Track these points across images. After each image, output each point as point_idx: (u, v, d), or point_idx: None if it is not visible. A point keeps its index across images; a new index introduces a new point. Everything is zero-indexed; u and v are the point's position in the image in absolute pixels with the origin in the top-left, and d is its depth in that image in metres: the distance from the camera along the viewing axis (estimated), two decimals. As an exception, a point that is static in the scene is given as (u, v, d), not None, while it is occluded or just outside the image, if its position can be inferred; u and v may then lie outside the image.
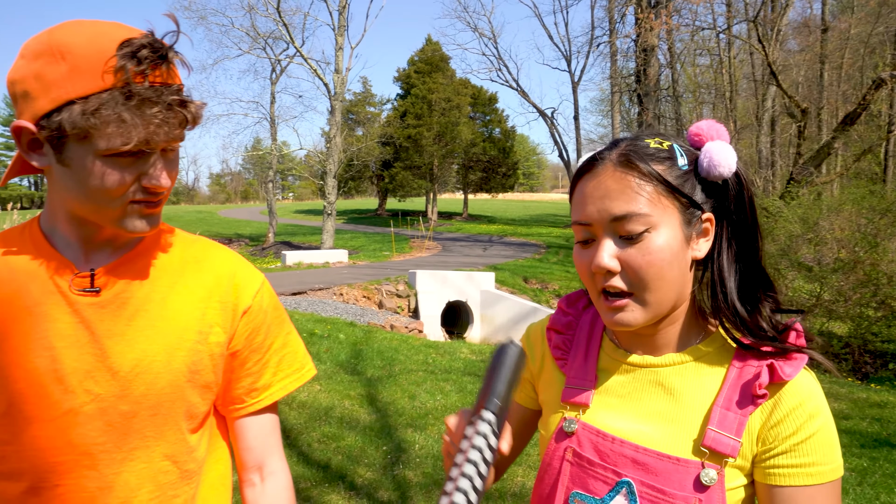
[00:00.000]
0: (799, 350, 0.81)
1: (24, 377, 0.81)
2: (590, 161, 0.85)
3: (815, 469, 0.79)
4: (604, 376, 0.92)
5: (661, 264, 0.80)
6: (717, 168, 0.81)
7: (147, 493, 0.86)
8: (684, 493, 0.80)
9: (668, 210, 0.80)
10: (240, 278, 0.96)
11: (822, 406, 0.81)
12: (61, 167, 0.80)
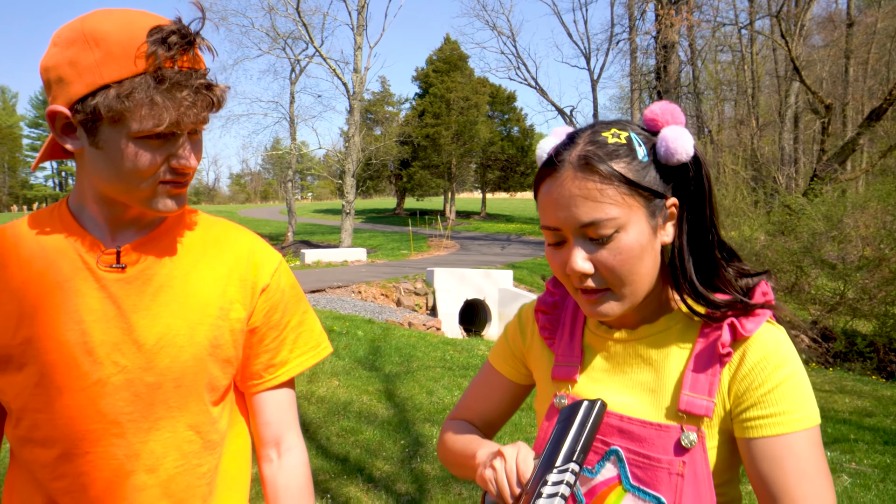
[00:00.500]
0: (761, 306, 0.84)
1: (55, 349, 0.84)
2: (549, 163, 0.85)
3: (786, 418, 0.80)
4: (589, 352, 0.95)
5: (633, 261, 0.83)
6: (675, 155, 0.82)
7: (172, 461, 0.89)
8: (668, 458, 0.83)
9: (633, 207, 0.82)
10: (258, 257, 0.99)
11: (787, 356, 0.83)
12: (94, 150, 0.82)
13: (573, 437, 0.79)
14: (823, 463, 0.81)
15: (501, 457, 0.83)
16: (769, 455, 0.80)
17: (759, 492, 0.82)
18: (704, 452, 0.84)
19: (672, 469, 0.84)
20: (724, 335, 0.84)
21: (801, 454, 0.80)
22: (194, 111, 0.81)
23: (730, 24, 19.93)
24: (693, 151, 0.83)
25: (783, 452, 0.80)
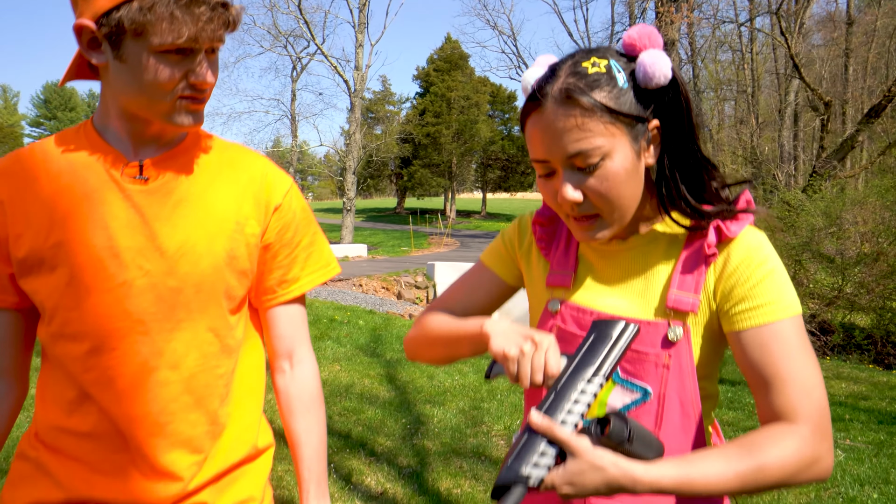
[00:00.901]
0: (743, 211, 0.90)
1: (84, 252, 0.90)
2: (533, 97, 0.89)
3: (772, 307, 0.86)
4: (583, 261, 1.01)
5: (620, 187, 0.88)
6: (654, 78, 0.86)
7: (193, 360, 0.95)
8: (655, 351, 0.90)
9: (616, 135, 0.86)
10: (271, 178, 1.05)
11: (769, 254, 0.89)
12: (118, 63, 0.88)
13: (606, 353, 0.82)
14: (808, 346, 0.86)
15: (533, 343, 0.84)
16: (759, 343, 0.86)
17: (752, 380, 0.88)
18: (689, 346, 0.90)
19: (659, 361, 0.90)
20: (710, 237, 0.90)
21: (788, 339, 0.85)
22: (211, 27, 0.87)
23: (729, 22, 19.99)
24: (671, 74, 0.87)
25: (771, 339, 0.86)
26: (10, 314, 0.96)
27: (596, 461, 0.75)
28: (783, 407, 0.84)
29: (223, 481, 1.00)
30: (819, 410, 0.83)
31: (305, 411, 1.09)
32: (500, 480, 0.76)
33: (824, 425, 0.83)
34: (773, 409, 0.85)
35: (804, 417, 0.83)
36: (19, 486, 0.96)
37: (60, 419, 0.94)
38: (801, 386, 0.84)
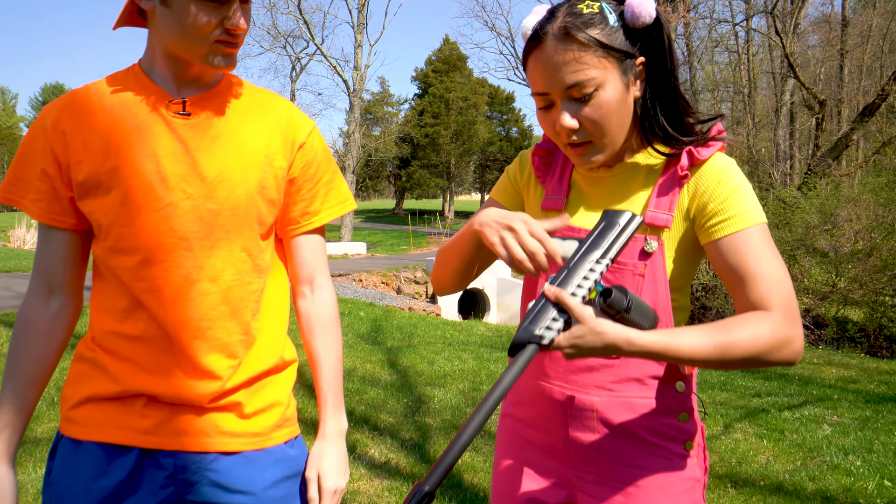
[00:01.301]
0: (713, 138, 1.03)
1: (135, 175, 1.03)
2: (535, 36, 1.01)
3: (741, 217, 0.99)
4: (574, 187, 1.15)
5: (612, 114, 1.00)
6: (640, 18, 0.98)
7: (229, 275, 1.08)
8: (633, 262, 1.03)
9: (608, 68, 0.98)
10: (296, 119, 1.17)
11: (736, 173, 1.03)
12: (164, 8, 1.01)
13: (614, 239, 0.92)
14: (774, 248, 0.99)
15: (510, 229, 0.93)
16: (732, 248, 0.99)
17: (729, 280, 1.01)
18: (663, 258, 1.03)
19: (636, 270, 1.04)
20: (683, 160, 1.03)
21: (757, 243, 0.99)
22: None
23: (725, 22, 20.15)
24: (655, 14, 1.00)
25: (742, 244, 0.99)
26: (69, 234, 1.08)
27: (597, 327, 0.87)
28: (758, 299, 0.97)
29: (255, 386, 1.13)
30: (788, 299, 0.96)
31: (324, 331, 1.22)
32: (516, 339, 0.88)
33: (794, 312, 0.96)
34: (749, 302, 0.97)
35: (776, 305, 0.95)
36: (78, 383, 1.08)
37: (114, 325, 1.07)
38: (771, 280, 0.97)
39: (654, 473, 1.09)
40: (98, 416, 1.06)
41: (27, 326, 1.08)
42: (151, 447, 1.06)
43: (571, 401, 1.10)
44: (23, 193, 1.06)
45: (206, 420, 1.08)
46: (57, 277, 1.09)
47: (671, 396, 1.10)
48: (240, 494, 1.10)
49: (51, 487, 1.07)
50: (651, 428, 1.09)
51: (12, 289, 8.05)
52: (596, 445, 1.10)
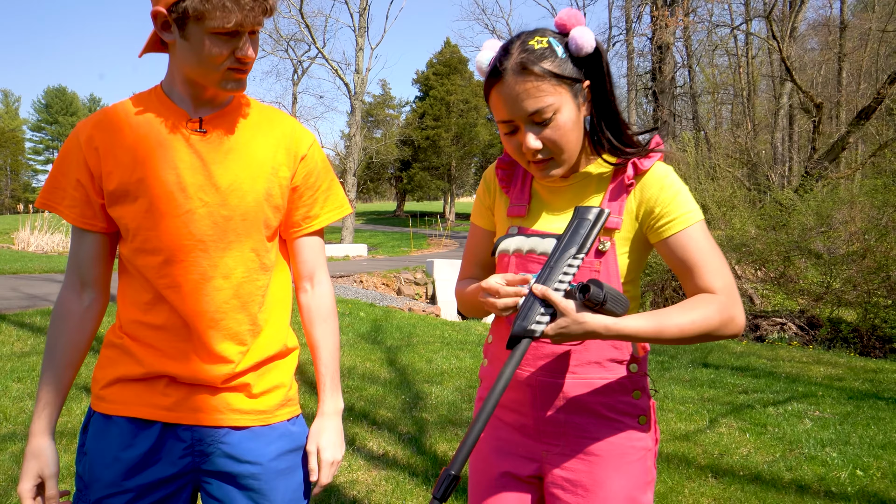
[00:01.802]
0: (653, 150, 1.20)
1: (159, 186, 1.18)
2: (495, 72, 1.17)
3: (683, 218, 1.17)
4: (535, 195, 1.31)
5: (569, 133, 1.17)
6: (583, 49, 1.15)
7: (240, 273, 1.23)
8: (590, 259, 1.20)
9: (562, 94, 1.15)
10: (298, 134, 1.33)
11: (675, 179, 1.19)
12: (182, 41, 1.16)
13: (586, 235, 1.11)
14: (713, 241, 1.17)
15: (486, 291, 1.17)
16: (679, 245, 1.17)
17: (679, 271, 1.18)
18: (615, 255, 1.20)
19: (592, 267, 1.20)
20: (629, 171, 1.20)
21: (699, 238, 1.17)
22: (253, 14, 1.14)
23: (724, 26, 20.32)
24: (595, 44, 1.16)
25: (687, 240, 1.16)
26: (100, 236, 1.24)
27: (579, 318, 1.05)
28: (704, 285, 1.15)
29: (261, 369, 1.28)
30: (729, 284, 1.15)
31: (323, 321, 1.37)
32: (513, 334, 1.07)
33: (735, 294, 1.15)
34: (697, 288, 1.16)
35: (720, 289, 1.14)
36: (108, 366, 1.24)
37: (139, 315, 1.22)
38: (713, 269, 1.16)
39: (612, 444, 1.25)
40: (126, 394, 1.22)
41: (63, 317, 1.24)
42: (172, 422, 1.22)
43: (540, 384, 1.26)
44: (59, 200, 1.22)
45: (219, 399, 1.24)
46: (88, 274, 1.25)
47: (626, 377, 1.25)
48: (248, 465, 1.25)
49: (84, 457, 1.22)
50: (609, 405, 1.25)
51: (20, 290, 8.21)
52: (562, 422, 1.26)
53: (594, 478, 1.24)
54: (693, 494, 2.99)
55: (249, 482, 1.25)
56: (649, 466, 1.28)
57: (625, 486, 1.23)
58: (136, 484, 1.19)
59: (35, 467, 1.18)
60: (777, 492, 3.01)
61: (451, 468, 1.03)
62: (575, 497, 1.24)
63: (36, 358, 4.96)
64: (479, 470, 1.37)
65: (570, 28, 1.16)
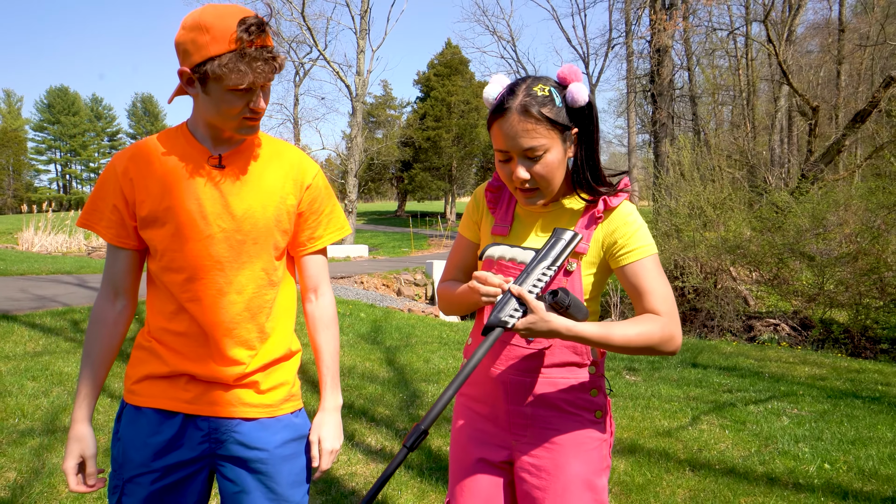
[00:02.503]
0: (621, 190, 1.41)
1: (183, 213, 1.38)
2: (499, 108, 1.36)
3: (640, 250, 1.38)
4: (517, 218, 1.51)
5: (555, 171, 1.37)
6: (577, 102, 1.35)
7: (251, 289, 1.43)
8: (560, 277, 1.40)
9: (554, 137, 1.35)
10: (304, 165, 1.52)
11: (637, 216, 1.40)
12: (204, 95, 1.35)
13: (560, 252, 1.32)
14: (662, 272, 1.38)
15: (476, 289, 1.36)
16: (634, 272, 1.37)
17: (631, 294, 1.38)
18: (580, 276, 1.40)
19: (560, 283, 1.39)
20: (599, 206, 1.41)
21: (650, 269, 1.37)
22: (265, 73, 1.33)
23: (722, 30, 20.50)
24: (588, 99, 1.36)
25: (640, 269, 1.37)
26: (132, 253, 1.44)
27: (545, 317, 1.25)
28: (651, 308, 1.36)
29: (269, 370, 1.48)
30: (672, 309, 1.36)
31: (325, 328, 1.57)
32: (488, 323, 1.28)
33: (675, 319, 1.35)
34: (645, 310, 1.37)
35: (664, 312, 1.35)
36: (138, 365, 1.44)
37: (164, 323, 1.42)
38: (660, 295, 1.36)
39: (572, 434, 1.45)
40: (153, 389, 1.42)
41: (99, 321, 1.44)
42: (192, 413, 1.42)
43: (511, 381, 1.46)
44: (97, 220, 1.42)
45: (232, 394, 1.44)
46: (121, 284, 1.45)
47: (584, 377, 1.46)
48: (257, 451, 1.45)
49: (119, 442, 1.43)
50: (569, 401, 1.45)
51: (28, 291, 8.41)
52: (528, 414, 1.46)
53: (556, 463, 1.44)
54: (670, 486, 3.18)
55: (258, 466, 1.45)
56: (605, 455, 1.49)
57: (582, 471, 1.44)
58: (162, 465, 1.40)
59: (78, 449, 1.39)
60: (749, 483, 3.20)
61: (422, 424, 1.23)
62: (539, 480, 1.44)
63: (48, 357, 5.17)
64: (457, 457, 1.57)
65: (570, 82, 1.36)
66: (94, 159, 77.16)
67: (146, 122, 78.71)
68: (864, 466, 3.41)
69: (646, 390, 5.06)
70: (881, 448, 3.70)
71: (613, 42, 25.09)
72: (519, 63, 28.00)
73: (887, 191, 11.31)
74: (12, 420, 3.82)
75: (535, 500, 1.44)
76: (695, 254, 11.89)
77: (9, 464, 3.20)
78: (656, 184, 14.27)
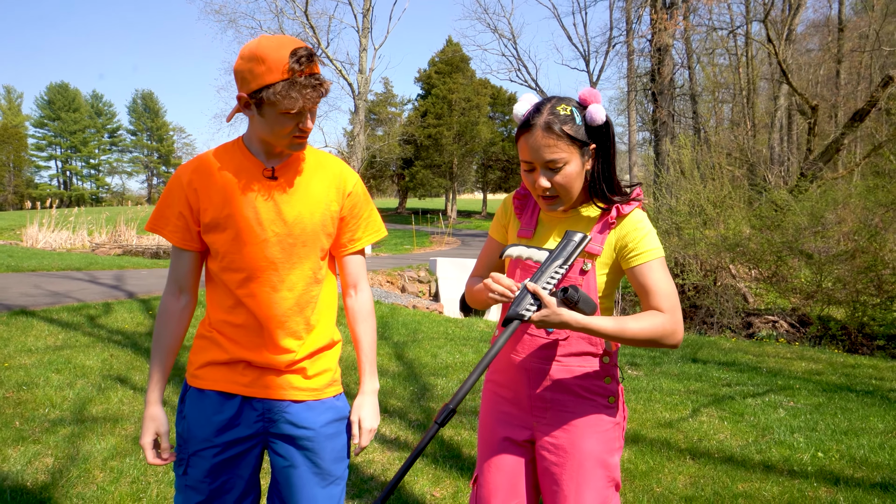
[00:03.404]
0: (633, 199, 1.58)
1: (242, 220, 1.54)
2: (526, 124, 1.53)
3: (648, 253, 1.54)
4: (540, 222, 1.68)
5: (573, 182, 1.54)
6: (596, 121, 1.52)
7: (301, 286, 1.60)
8: (575, 275, 1.57)
9: (573, 151, 1.52)
10: (346, 175, 1.69)
11: (647, 223, 1.57)
12: (260, 117, 1.51)
13: (571, 252, 1.49)
14: (668, 273, 1.54)
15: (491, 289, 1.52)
16: (642, 273, 1.54)
17: (639, 292, 1.55)
18: (594, 275, 1.57)
19: (577, 281, 1.56)
20: (612, 213, 1.57)
21: (657, 270, 1.54)
22: (313, 99, 1.49)
23: (722, 29, 20.64)
24: (605, 118, 1.53)
25: (648, 270, 1.54)
26: (194, 254, 1.61)
27: (557, 310, 1.42)
28: (656, 305, 1.53)
29: (314, 358, 1.65)
30: (674, 306, 1.52)
31: (364, 320, 1.74)
32: (508, 315, 1.45)
33: (678, 314, 1.51)
34: (651, 307, 1.53)
35: (666, 309, 1.52)
36: (200, 353, 1.61)
37: (224, 316, 1.59)
38: (666, 295, 1.53)
39: (587, 417, 1.62)
40: (214, 374, 1.59)
41: (166, 315, 1.61)
42: (248, 395, 1.59)
43: (532, 368, 1.63)
44: (164, 225, 1.59)
45: (283, 379, 1.61)
46: (185, 282, 1.62)
47: (599, 366, 1.63)
48: (304, 429, 1.62)
49: (183, 420, 1.60)
50: (585, 386, 1.62)
51: (42, 287, 8.59)
52: (548, 398, 1.63)
53: (572, 442, 1.61)
54: (671, 473, 3.36)
55: (305, 443, 1.62)
56: (617, 436, 1.66)
57: (596, 450, 1.61)
58: (223, 440, 1.57)
59: (153, 426, 1.56)
60: (746, 471, 3.38)
61: (451, 403, 1.43)
62: (557, 457, 1.62)
63: (69, 351, 5.34)
64: (485, 436, 1.75)
65: (589, 104, 1.53)
66: (95, 156, 77.20)
67: (146, 119, 78.79)
68: (856, 455, 3.59)
69: (647, 384, 5.23)
70: (872, 438, 3.88)
71: (614, 40, 25.24)
72: (520, 61, 28.15)
73: (886, 189, 11.47)
74: (42, 410, 4.00)
75: (554, 475, 1.61)
76: (695, 251, 12.07)
77: (45, 450, 3.38)
78: (657, 182, 14.44)
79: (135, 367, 5.09)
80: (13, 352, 5.23)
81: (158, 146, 79.20)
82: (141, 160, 79.71)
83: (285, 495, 1.63)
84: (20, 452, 3.34)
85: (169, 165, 79.38)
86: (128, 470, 3.19)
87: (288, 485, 1.62)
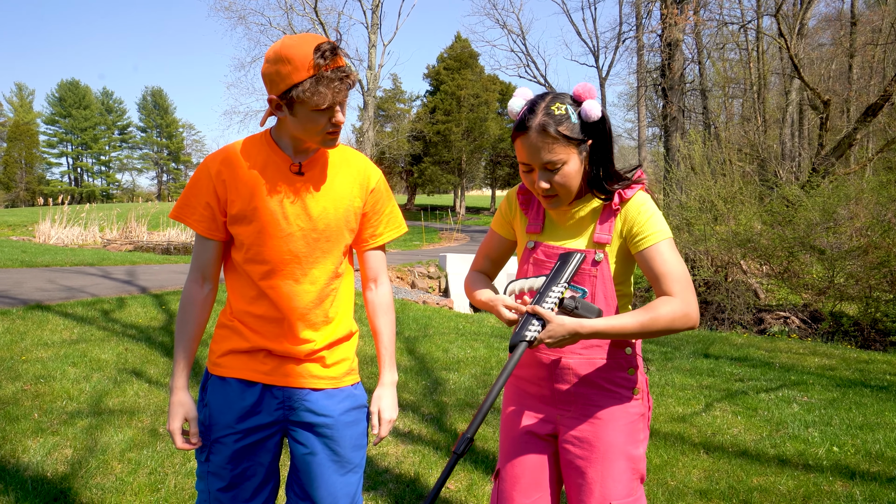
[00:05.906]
0: (634, 181, 1.57)
1: (267, 213, 1.55)
2: (521, 125, 1.52)
3: (655, 235, 1.52)
4: (547, 217, 1.68)
5: (571, 180, 1.53)
6: (591, 118, 1.50)
7: (322, 280, 1.61)
8: (588, 267, 1.57)
9: (570, 150, 1.51)
10: (369, 171, 1.70)
11: (651, 205, 1.55)
12: (291, 116, 1.51)
13: (568, 273, 1.50)
14: (677, 254, 1.52)
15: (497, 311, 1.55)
16: (651, 256, 1.52)
17: (650, 277, 1.53)
18: (608, 264, 1.57)
19: (590, 273, 1.57)
20: (615, 199, 1.56)
21: (665, 252, 1.52)
22: (342, 92, 1.50)
23: (733, 23, 20.49)
24: (600, 114, 1.52)
25: (656, 253, 1.52)
26: (218, 243, 1.62)
27: (558, 320, 1.42)
28: (668, 290, 1.50)
29: (333, 348, 1.66)
30: (684, 288, 1.50)
31: (383, 314, 1.75)
32: (512, 340, 1.45)
33: (689, 296, 1.49)
34: (663, 292, 1.51)
35: (678, 293, 1.49)
36: (222, 341, 1.63)
37: (246, 306, 1.61)
38: (676, 277, 1.50)
39: (611, 409, 1.62)
40: (236, 362, 1.61)
41: (190, 303, 1.63)
42: (269, 383, 1.61)
43: (556, 363, 1.63)
44: (189, 214, 1.60)
45: (302, 368, 1.62)
46: (208, 271, 1.63)
47: (622, 357, 1.62)
48: (323, 417, 1.64)
49: (205, 408, 1.62)
50: (609, 379, 1.62)
51: (56, 282, 8.66)
52: (572, 392, 1.63)
53: (597, 435, 1.61)
54: (686, 467, 3.36)
55: (324, 430, 1.64)
56: (641, 427, 1.65)
57: (620, 441, 1.61)
58: (244, 427, 1.59)
59: (181, 412, 1.58)
60: (761, 465, 3.37)
61: (468, 433, 1.42)
62: (582, 450, 1.61)
63: (85, 345, 5.40)
64: (507, 430, 1.75)
65: (584, 99, 1.52)
66: (105, 152, 77.64)
67: (156, 116, 79.16)
68: (872, 449, 3.57)
69: (660, 379, 5.22)
70: (888, 433, 3.86)
71: (624, 36, 25.14)
72: (528, 57, 28.08)
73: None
74: (60, 402, 4.04)
75: (579, 468, 1.61)
76: (706, 247, 12.01)
77: (63, 442, 3.42)
78: (667, 178, 14.37)
79: (150, 360, 5.14)
80: (30, 345, 5.29)
81: (168, 143, 79.54)
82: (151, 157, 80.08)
83: (305, 483, 1.65)
84: (39, 444, 3.39)
85: (178, 162, 79.79)
86: (145, 461, 3.22)
87: (307, 472, 1.64)
